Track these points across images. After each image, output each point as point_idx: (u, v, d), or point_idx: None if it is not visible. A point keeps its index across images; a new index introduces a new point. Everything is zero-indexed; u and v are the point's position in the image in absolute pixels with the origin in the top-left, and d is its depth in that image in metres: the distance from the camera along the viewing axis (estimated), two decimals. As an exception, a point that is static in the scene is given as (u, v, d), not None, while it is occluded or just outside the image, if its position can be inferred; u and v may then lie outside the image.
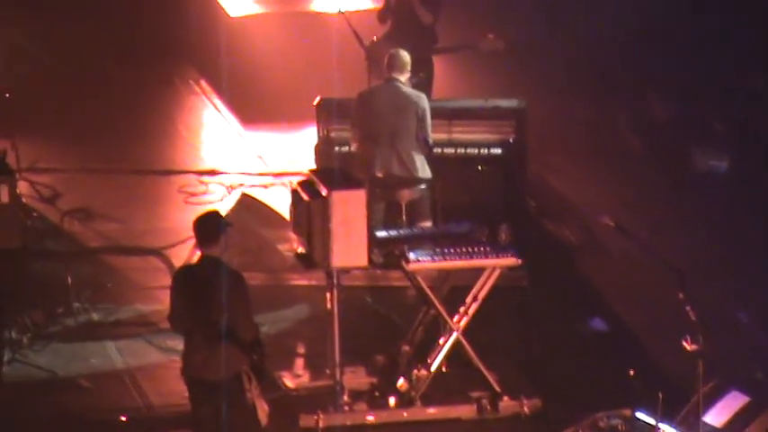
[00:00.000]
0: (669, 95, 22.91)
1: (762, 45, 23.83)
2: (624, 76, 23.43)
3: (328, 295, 15.66)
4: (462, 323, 15.30)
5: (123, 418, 15.28)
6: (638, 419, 14.06)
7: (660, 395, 13.71)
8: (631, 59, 23.70)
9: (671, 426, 13.89)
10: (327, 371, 15.66)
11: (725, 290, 17.33)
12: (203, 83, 23.96)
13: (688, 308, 14.45)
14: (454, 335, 15.20)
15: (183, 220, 18.39)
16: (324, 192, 15.45)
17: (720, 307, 16.49)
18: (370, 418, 15.16)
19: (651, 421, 13.76)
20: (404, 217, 17.40)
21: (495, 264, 15.26)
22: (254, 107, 22.71)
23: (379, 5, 20.87)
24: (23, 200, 19.08)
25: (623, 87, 23.18)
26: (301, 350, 16.74)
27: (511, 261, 15.30)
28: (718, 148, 21.22)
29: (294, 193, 15.95)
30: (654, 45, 23.65)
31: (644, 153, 21.84)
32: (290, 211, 16.33)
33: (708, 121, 22.34)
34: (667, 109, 22.78)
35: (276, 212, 19.16)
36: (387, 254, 15.52)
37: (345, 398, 15.33)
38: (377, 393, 15.45)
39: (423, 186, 17.42)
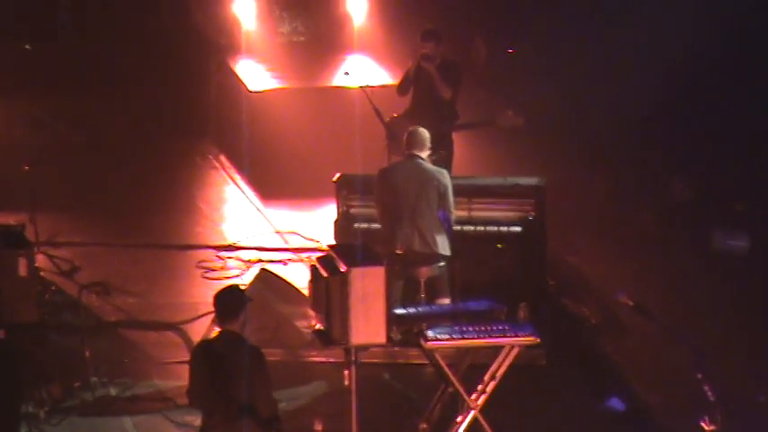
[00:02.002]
0: (689, 173, 22.72)
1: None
2: (644, 153, 23.29)
3: (346, 372, 15.51)
4: (480, 401, 15.16)
5: None
6: None
7: None
8: (652, 137, 23.43)
9: None
10: None
11: (744, 371, 17.15)
12: (222, 157, 23.95)
13: (706, 388, 14.73)
14: (472, 413, 15.07)
15: (201, 295, 18.56)
16: (343, 268, 15.33)
17: (740, 388, 16.34)
18: None
19: None
20: (422, 294, 17.32)
21: (514, 342, 15.17)
22: (273, 182, 22.79)
23: (399, 81, 21.01)
24: (41, 273, 18.99)
25: (643, 165, 23.10)
26: (319, 427, 16.37)
27: (529, 340, 15.22)
28: (736, 228, 20.98)
29: (313, 269, 15.81)
30: (674, 124, 23.31)
31: (663, 232, 21.72)
32: (309, 288, 16.18)
33: (727, 200, 22.16)
34: (687, 188, 22.53)
35: (295, 288, 18.84)
36: (405, 331, 15.41)
37: None
38: None
39: (442, 264, 17.34)
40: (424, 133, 17.47)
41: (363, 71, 23.77)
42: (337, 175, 19.15)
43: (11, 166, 21.28)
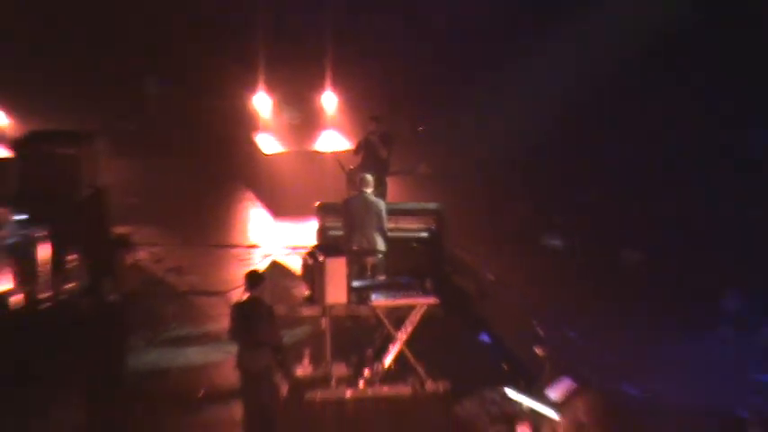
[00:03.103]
0: (530, 200, 22.28)
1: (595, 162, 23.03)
2: (508, 188, 22.67)
3: (323, 320, 16.18)
4: (404, 337, 15.67)
5: (201, 393, 15.71)
6: (508, 394, 14.52)
7: (522, 379, 14.69)
8: (514, 178, 22.80)
9: (527, 396, 14.42)
10: (323, 365, 16.00)
11: (563, 319, 17.40)
12: (250, 192, 23.57)
13: (539, 328, 15.97)
14: (398, 344, 15.60)
15: (236, 275, 18.56)
16: (321, 258, 16.07)
17: (559, 329, 16.82)
18: (348, 394, 15.58)
19: (515, 394, 14.44)
20: (369, 273, 17.56)
21: (423, 302, 15.73)
22: (280, 206, 22.67)
23: (354, 147, 20.98)
24: (140, 262, 19.91)
25: (505, 197, 22.50)
26: (306, 353, 16.47)
27: (432, 301, 15.77)
28: (555, 232, 20.93)
29: (304, 259, 17.05)
30: (527, 168, 22.85)
31: (516, 235, 21.38)
32: (301, 270, 17.43)
33: (551, 216, 21.84)
34: (528, 208, 22.23)
35: (292, 271, 19.30)
36: (358, 296, 16.10)
37: (333, 382, 15.67)
38: (353, 379, 15.81)
39: (380, 255, 17.65)
40: (370, 178, 17.84)
41: (333, 140, 23.95)
42: (318, 202, 19.36)
43: (123, 197, 21.04)
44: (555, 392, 14.64)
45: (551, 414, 14.39)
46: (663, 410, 14.84)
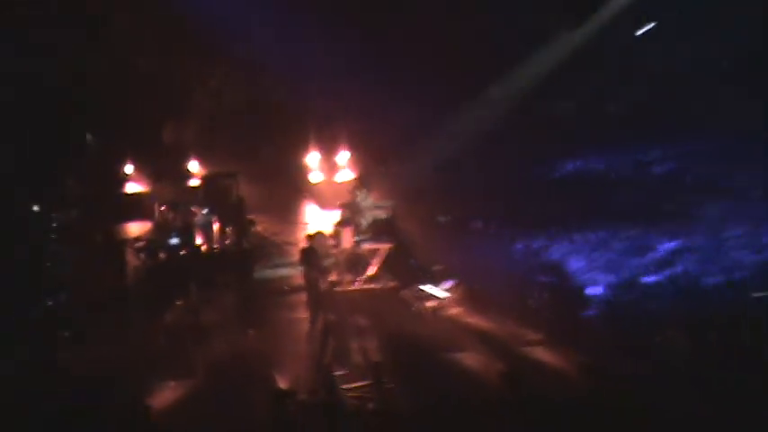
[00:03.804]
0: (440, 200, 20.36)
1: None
2: (432, 193, 20.50)
3: (341, 255, 17.89)
4: (377, 262, 17.92)
5: (287, 288, 17.72)
6: (423, 287, 16.78)
7: (430, 281, 16.85)
8: (439, 184, 20.49)
9: (432, 287, 16.74)
10: (341, 275, 17.84)
11: (445, 254, 17.64)
12: (308, 197, 22.04)
13: (437, 258, 17.19)
14: (375, 265, 17.86)
15: (301, 235, 18.86)
16: (341, 228, 18.24)
17: (444, 259, 17.59)
18: (352, 288, 17.52)
19: (427, 287, 16.74)
20: (361, 233, 18.39)
21: (386, 246, 18.07)
22: (321, 202, 21.47)
23: (356, 178, 20.79)
24: (258, 231, 20.25)
25: (434, 198, 20.47)
26: (333, 269, 17.95)
27: (390, 246, 18.02)
28: (444, 212, 19.86)
29: (333, 227, 18.71)
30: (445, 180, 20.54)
31: (426, 218, 19.85)
32: (332, 232, 18.58)
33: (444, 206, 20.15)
34: (445, 214, 20.18)
35: (327, 234, 18.74)
36: (357, 243, 18.37)
37: (345, 283, 17.52)
38: (354, 281, 17.75)
39: (364, 225, 18.48)
40: (364, 189, 19.06)
41: (346, 174, 21.50)
42: (339, 202, 19.74)
43: (251, 202, 20.34)
44: (445, 286, 16.88)
45: (444, 295, 16.55)
46: (493, 291, 16.05)
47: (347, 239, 18.22)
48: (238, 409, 11.44)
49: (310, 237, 17.13)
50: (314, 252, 16.65)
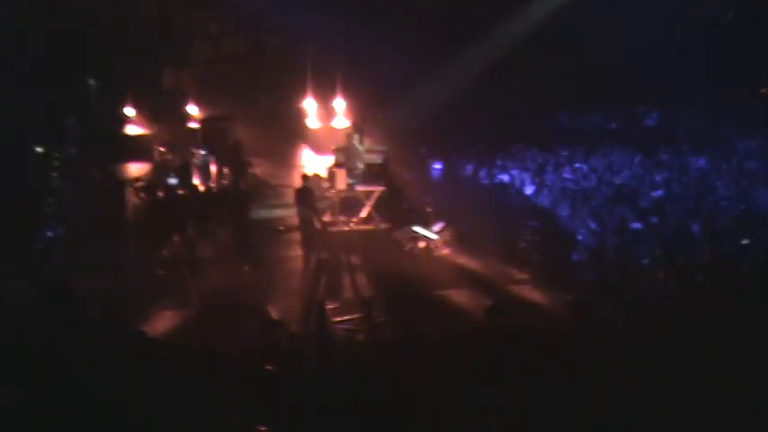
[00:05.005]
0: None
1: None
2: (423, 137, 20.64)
3: (336, 196, 17.95)
4: (370, 203, 17.89)
5: (282, 227, 17.76)
6: (415, 228, 16.71)
7: (421, 222, 16.80)
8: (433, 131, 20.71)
9: (423, 229, 16.66)
10: (336, 215, 17.85)
11: (434, 200, 17.65)
12: (304, 142, 21.91)
13: (427, 202, 17.55)
14: (368, 206, 17.82)
15: (297, 177, 17.96)
16: (337, 169, 18.20)
17: (435, 203, 17.54)
18: (347, 228, 17.59)
19: (418, 228, 16.63)
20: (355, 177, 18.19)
21: (379, 188, 18.00)
22: (317, 147, 21.31)
23: (352, 124, 20.67)
24: (255, 173, 20.06)
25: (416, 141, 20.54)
26: (329, 210, 17.97)
27: (382, 187, 18.05)
28: (436, 159, 20.10)
29: (327, 169, 18.52)
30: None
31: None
32: (327, 174, 18.44)
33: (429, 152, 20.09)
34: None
35: (322, 176, 18.65)
36: (351, 185, 18.07)
37: (340, 223, 17.59)
38: (349, 222, 17.80)
39: (360, 168, 18.46)
40: (357, 135, 18.79)
41: (342, 121, 21.42)
42: (334, 146, 19.68)
43: (247, 144, 20.07)
44: (435, 227, 16.85)
45: (434, 236, 16.53)
46: (483, 233, 16.17)
47: (341, 182, 18.07)
48: (230, 338, 11.49)
49: (306, 177, 16.86)
50: (309, 192, 16.40)
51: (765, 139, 19.16)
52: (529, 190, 18.11)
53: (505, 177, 18.61)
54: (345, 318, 13.23)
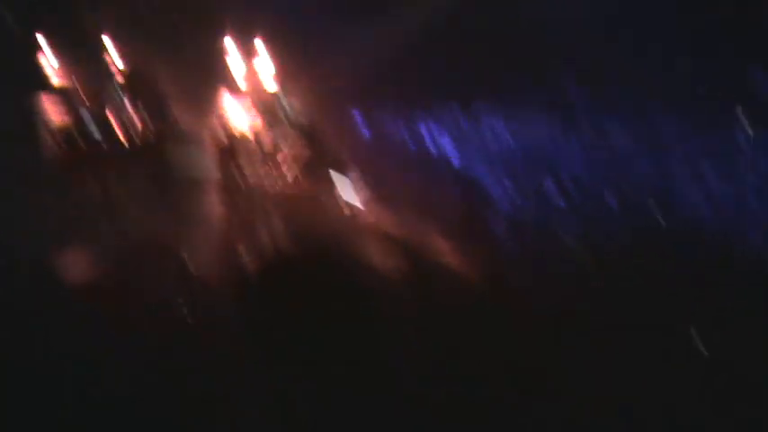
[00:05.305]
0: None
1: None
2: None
3: None
4: (298, 168, 17.74)
5: (205, 181, 16.59)
6: (338, 190, 15.86)
7: (346, 181, 15.97)
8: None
9: (344, 190, 16.08)
10: None
11: None
12: (233, 98, 19.48)
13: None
14: (295, 169, 17.51)
15: (223, 132, 17.39)
16: None
17: None
18: (266, 188, 16.65)
19: (343, 190, 15.92)
20: None
21: (309, 149, 17.23)
22: (247, 104, 19.15)
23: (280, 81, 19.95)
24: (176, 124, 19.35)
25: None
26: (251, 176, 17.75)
27: (311, 148, 17.48)
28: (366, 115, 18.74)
29: None
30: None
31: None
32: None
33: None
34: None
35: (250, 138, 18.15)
36: (278, 144, 17.70)
37: None
38: (268, 182, 17.32)
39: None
40: None
41: None
42: None
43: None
44: (361, 189, 16.22)
45: (358, 198, 15.85)
46: (410, 196, 16.12)
47: (268, 142, 18.13)
48: (147, 282, 12.07)
49: (231, 136, 17.07)
50: (234, 150, 16.95)
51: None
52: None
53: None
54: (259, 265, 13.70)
